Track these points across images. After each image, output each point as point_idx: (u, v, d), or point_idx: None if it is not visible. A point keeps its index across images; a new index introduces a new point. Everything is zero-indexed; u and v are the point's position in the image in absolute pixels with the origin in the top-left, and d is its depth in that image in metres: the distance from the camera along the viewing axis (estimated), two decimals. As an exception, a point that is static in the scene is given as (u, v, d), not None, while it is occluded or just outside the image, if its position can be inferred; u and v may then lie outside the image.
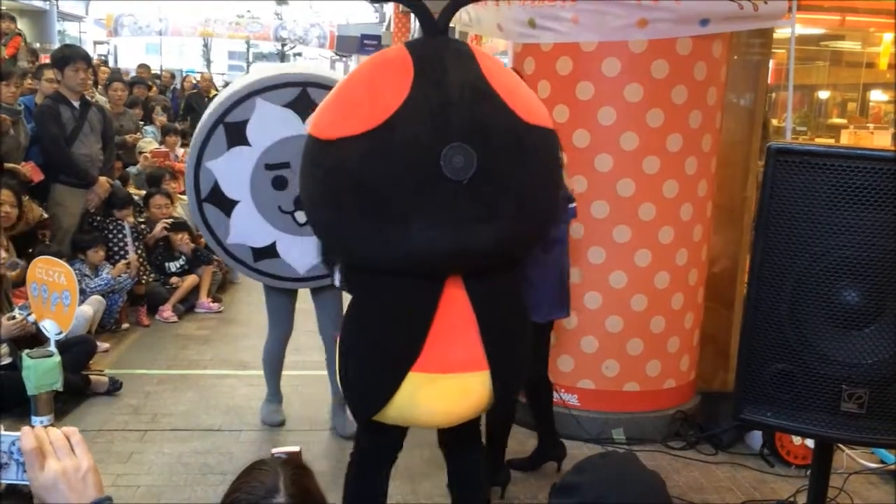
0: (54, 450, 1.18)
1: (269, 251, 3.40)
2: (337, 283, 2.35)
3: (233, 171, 3.30)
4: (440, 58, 2.11)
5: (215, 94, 11.17)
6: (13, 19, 7.18)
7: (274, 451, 1.58)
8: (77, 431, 1.23)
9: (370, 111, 2.04)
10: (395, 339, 2.21)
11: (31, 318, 3.59)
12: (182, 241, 5.79)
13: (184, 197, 6.49)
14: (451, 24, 2.25)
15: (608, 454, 1.39)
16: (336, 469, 3.41)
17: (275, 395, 3.89)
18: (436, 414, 2.27)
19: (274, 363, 3.85)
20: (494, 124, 2.08)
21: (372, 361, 2.24)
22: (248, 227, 3.36)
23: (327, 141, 2.09)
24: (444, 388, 2.22)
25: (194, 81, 11.16)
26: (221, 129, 3.26)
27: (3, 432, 1.22)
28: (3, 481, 1.25)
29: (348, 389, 2.31)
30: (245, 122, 3.24)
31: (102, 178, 5.22)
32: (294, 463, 1.31)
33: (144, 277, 5.44)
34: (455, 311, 2.21)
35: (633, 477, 1.28)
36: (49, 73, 5.32)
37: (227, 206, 3.35)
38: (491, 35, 2.25)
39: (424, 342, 2.18)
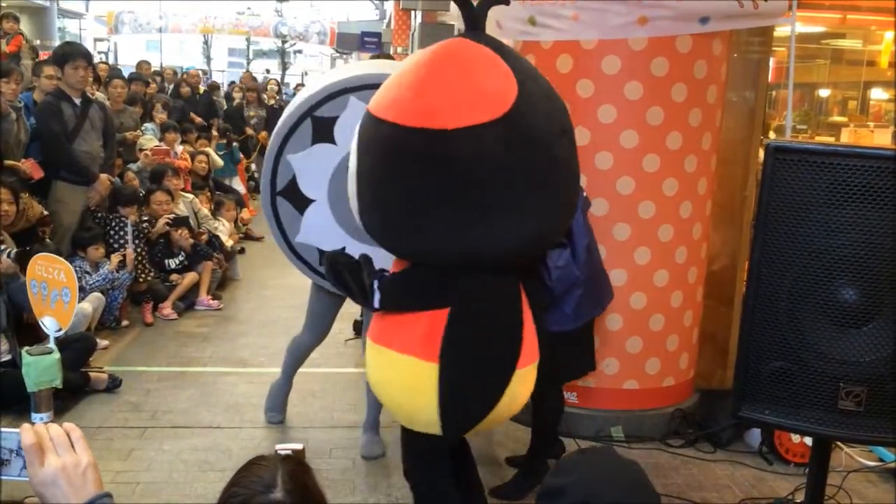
0: (54, 446, 1.19)
1: None
2: (377, 304, 2.26)
3: (313, 168, 3.13)
4: (513, 54, 2.23)
5: (205, 91, 11.21)
6: (16, 19, 7.17)
7: (278, 447, 1.59)
8: (77, 428, 1.23)
9: (496, 98, 2.05)
10: (502, 340, 2.22)
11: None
12: (182, 236, 5.80)
13: (185, 194, 6.51)
14: (451, 22, 2.29)
15: (586, 451, 1.39)
16: (336, 468, 3.42)
17: (283, 386, 3.81)
18: (519, 406, 2.34)
19: (295, 361, 3.78)
20: (568, 116, 2.28)
21: (485, 369, 2.19)
22: (319, 228, 3.20)
23: (451, 130, 2.00)
24: (529, 379, 2.33)
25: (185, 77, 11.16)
26: (308, 123, 3.11)
27: (5, 429, 1.23)
28: (4, 478, 1.26)
29: (453, 410, 2.18)
30: (334, 119, 3.08)
31: (103, 176, 5.23)
32: (293, 459, 1.32)
33: (143, 275, 5.45)
34: (524, 299, 2.31)
35: (617, 472, 1.29)
36: (49, 70, 5.32)
37: (301, 203, 3.21)
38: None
39: (523, 337, 2.23)
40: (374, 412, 3.58)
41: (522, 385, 2.30)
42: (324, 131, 3.10)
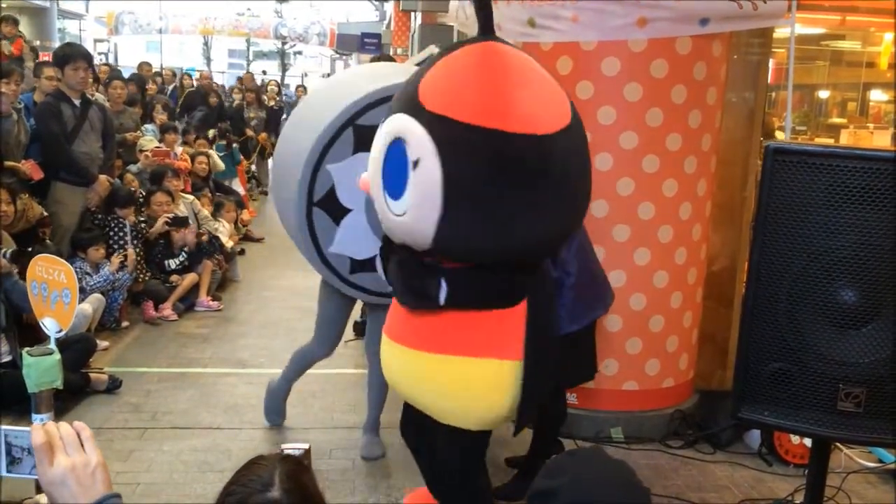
0: (64, 445, 1.19)
1: (367, 264, 3.16)
2: (442, 300, 2.30)
3: (352, 177, 2.97)
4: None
5: (219, 101, 11.22)
6: (16, 22, 7.16)
7: (284, 446, 1.59)
8: (87, 427, 1.23)
9: (566, 103, 2.24)
10: (554, 328, 2.50)
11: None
12: (188, 231, 5.80)
13: (185, 195, 6.51)
14: (451, 23, 2.32)
15: (575, 452, 1.39)
16: (336, 469, 3.42)
17: (280, 390, 3.77)
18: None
19: (299, 370, 3.73)
20: None
21: (553, 362, 2.42)
22: (354, 238, 3.13)
23: (545, 136, 2.12)
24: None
25: (194, 81, 11.14)
26: (350, 132, 3.01)
27: (18, 428, 1.23)
28: (15, 476, 1.26)
29: (531, 403, 2.37)
30: (376, 128, 2.93)
31: (102, 177, 5.23)
32: (292, 459, 1.32)
33: (141, 275, 5.45)
34: None
35: (609, 473, 1.29)
36: (49, 71, 5.32)
37: (338, 213, 3.12)
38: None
39: None
40: (374, 413, 3.58)
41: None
42: (365, 140, 2.93)
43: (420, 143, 2.12)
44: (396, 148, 2.20)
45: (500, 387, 2.32)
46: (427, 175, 2.12)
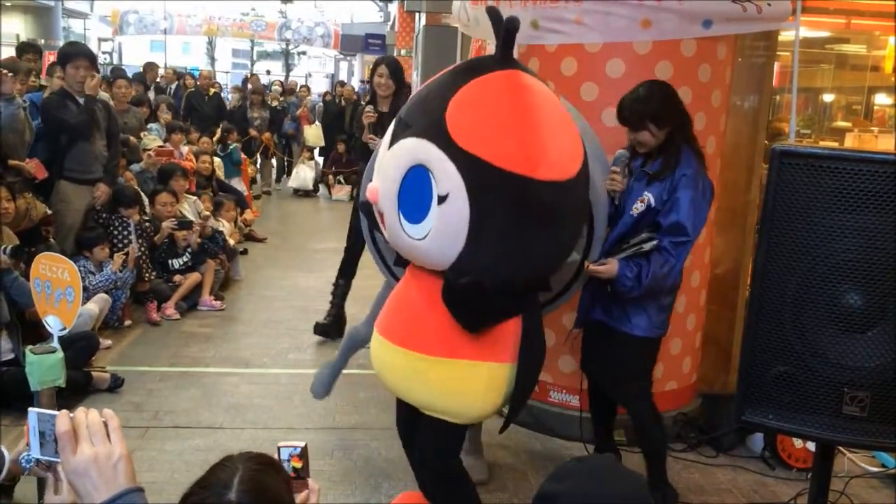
0: (90, 434, 1.17)
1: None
2: (468, 322, 2.49)
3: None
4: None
5: (216, 93, 11.25)
6: (38, 51, 6.71)
7: (280, 444, 1.58)
8: (115, 416, 1.20)
9: (580, 145, 2.38)
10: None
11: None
12: (192, 231, 5.81)
13: (188, 195, 6.52)
14: (454, 25, 2.31)
15: (585, 458, 1.35)
16: (337, 469, 3.42)
17: (336, 366, 3.52)
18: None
19: (350, 349, 3.48)
20: None
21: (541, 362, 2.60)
22: None
23: (567, 181, 2.26)
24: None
25: (196, 81, 11.15)
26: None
27: (48, 411, 1.22)
28: (41, 458, 1.24)
29: (521, 400, 2.57)
30: None
31: (102, 186, 5.23)
32: (257, 459, 1.28)
33: (147, 275, 5.45)
34: None
35: (612, 483, 1.25)
36: (59, 71, 5.34)
37: None
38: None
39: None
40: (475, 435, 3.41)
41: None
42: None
43: (450, 179, 2.17)
44: (419, 174, 2.22)
45: (495, 387, 2.50)
46: (455, 211, 2.20)
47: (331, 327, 5.09)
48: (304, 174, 11.52)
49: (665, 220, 2.86)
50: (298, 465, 1.56)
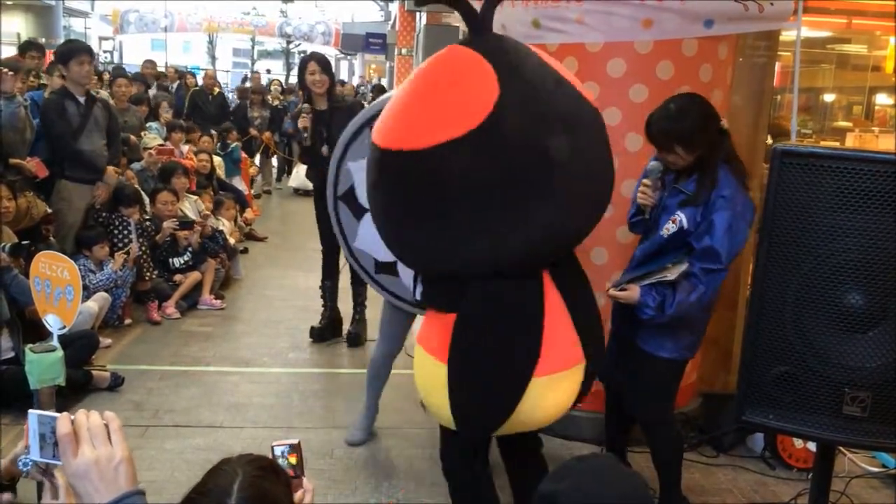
0: (90, 437, 1.16)
1: (390, 267, 3.21)
2: (419, 296, 2.39)
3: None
4: (506, 51, 2.16)
5: (220, 92, 11.26)
6: (40, 49, 6.79)
7: (274, 443, 1.58)
8: (116, 418, 1.19)
9: (468, 111, 2.03)
10: (516, 345, 2.19)
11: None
12: (193, 230, 5.80)
13: (189, 195, 6.52)
14: (456, 24, 2.29)
15: (585, 458, 1.35)
16: (338, 468, 3.41)
17: (369, 409, 3.71)
18: (551, 414, 2.32)
19: (373, 378, 3.66)
20: (578, 111, 2.18)
21: (496, 374, 2.18)
22: (373, 238, 3.09)
23: (423, 150, 2.05)
24: (564, 387, 2.28)
25: (198, 80, 11.16)
26: (368, 132, 2.99)
27: (49, 413, 1.21)
28: (41, 460, 1.23)
29: (466, 409, 2.23)
30: None
31: (111, 168, 5.24)
32: (258, 464, 1.26)
33: (148, 274, 5.45)
34: (552, 305, 2.24)
35: (611, 483, 1.25)
36: (57, 69, 5.33)
37: (357, 211, 3.22)
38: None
39: (542, 343, 2.18)
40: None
41: (551, 392, 2.24)
42: None
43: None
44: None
45: (439, 386, 2.26)
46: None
47: (326, 330, 5.10)
48: (304, 173, 11.52)
49: (698, 243, 2.64)
50: (294, 460, 1.55)
